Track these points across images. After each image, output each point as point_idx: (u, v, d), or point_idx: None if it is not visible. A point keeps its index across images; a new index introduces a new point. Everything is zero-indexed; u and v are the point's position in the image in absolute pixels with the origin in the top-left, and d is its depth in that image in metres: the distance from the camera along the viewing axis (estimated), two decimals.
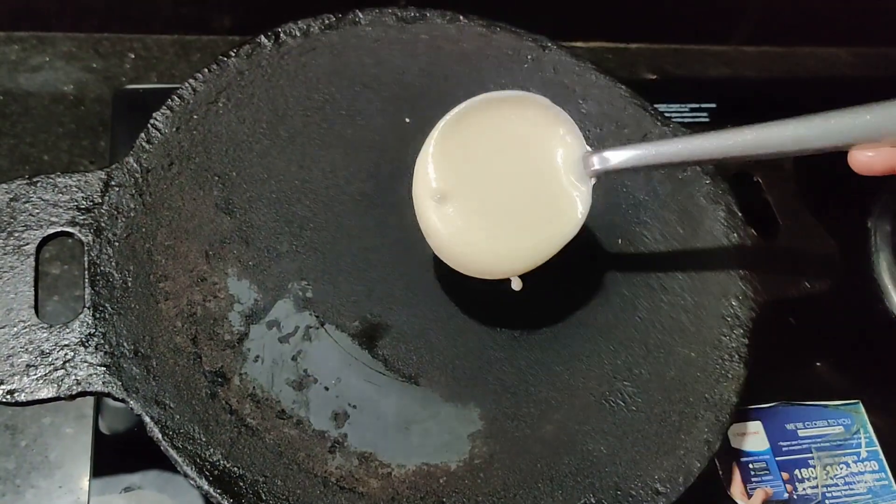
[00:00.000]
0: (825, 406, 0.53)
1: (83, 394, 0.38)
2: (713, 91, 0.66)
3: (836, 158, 0.36)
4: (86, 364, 0.38)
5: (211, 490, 0.37)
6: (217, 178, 0.47)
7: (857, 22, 0.72)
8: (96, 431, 0.45)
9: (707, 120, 0.64)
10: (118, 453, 0.45)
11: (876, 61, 0.74)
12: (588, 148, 0.42)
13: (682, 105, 0.64)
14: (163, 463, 0.38)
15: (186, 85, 0.47)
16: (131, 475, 0.44)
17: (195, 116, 0.47)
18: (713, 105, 0.65)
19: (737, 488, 0.49)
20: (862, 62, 0.74)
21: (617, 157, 0.41)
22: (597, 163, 0.41)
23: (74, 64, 0.61)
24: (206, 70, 0.48)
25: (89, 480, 0.44)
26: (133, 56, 0.62)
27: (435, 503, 0.41)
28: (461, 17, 0.53)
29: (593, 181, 0.42)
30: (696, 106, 0.64)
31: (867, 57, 0.74)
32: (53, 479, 0.45)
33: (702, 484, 0.41)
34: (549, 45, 0.53)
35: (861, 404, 0.53)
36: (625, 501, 0.41)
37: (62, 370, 0.38)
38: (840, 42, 0.74)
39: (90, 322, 0.39)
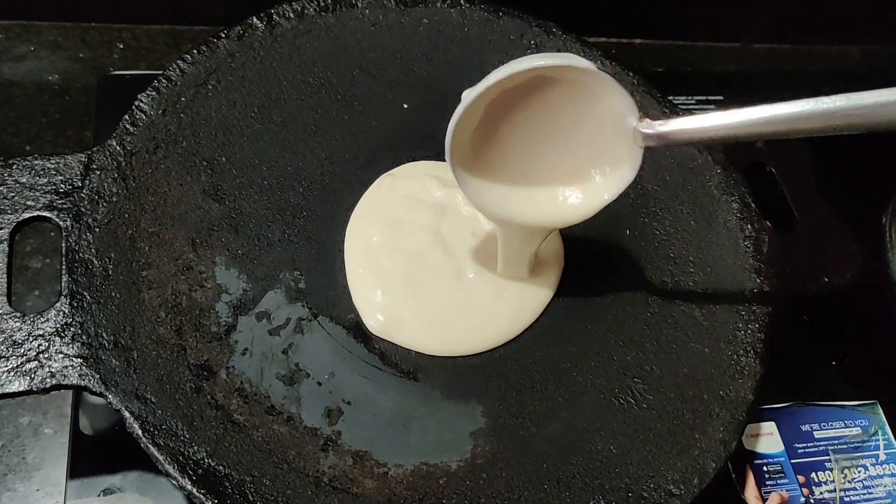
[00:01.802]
0: (842, 407, 0.51)
1: (58, 387, 0.37)
2: (720, 84, 0.65)
3: (852, 146, 0.34)
4: (61, 355, 0.37)
5: (194, 490, 0.36)
6: (205, 163, 0.46)
7: (868, 19, 0.71)
8: (75, 430, 0.43)
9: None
10: (97, 453, 0.43)
11: (887, 59, 0.73)
12: (640, 119, 0.37)
13: (688, 97, 0.63)
14: (144, 463, 0.37)
15: (174, 66, 0.46)
16: (111, 476, 0.42)
17: (183, 99, 0.46)
18: (720, 97, 0.63)
19: (751, 492, 0.47)
20: (873, 60, 0.72)
21: (675, 130, 0.35)
22: (651, 138, 0.36)
23: (60, 53, 0.59)
24: (194, 52, 0.47)
25: (66, 482, 0.42)
26: (122, 46, 0.61)
27: None
28: (463, 2, 0.52)
29: (642, 149, 0.37)
30: (703, 98, 0.63)
31: (878, 55, 0.73)
32: (31, 482, 0.43)
33: (714, 487, 0.40)
34: (556, 30, 0.52)
35: (878, 405, 0.52)
36: None
37: (35, 362, 0.37)
38: (851, 40, 0.73)
39: (67, 311, 0.38)
